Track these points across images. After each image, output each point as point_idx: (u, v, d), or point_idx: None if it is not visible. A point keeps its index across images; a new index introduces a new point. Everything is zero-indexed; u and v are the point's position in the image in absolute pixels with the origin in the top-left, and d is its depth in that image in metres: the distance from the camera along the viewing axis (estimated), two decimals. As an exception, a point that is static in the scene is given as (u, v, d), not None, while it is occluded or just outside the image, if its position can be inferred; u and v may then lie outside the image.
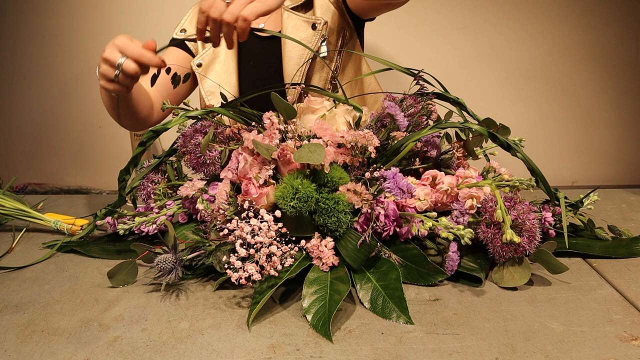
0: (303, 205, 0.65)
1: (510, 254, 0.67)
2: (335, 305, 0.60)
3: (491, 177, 0.78)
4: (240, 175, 0.71)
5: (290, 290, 0.69)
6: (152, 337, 0.58)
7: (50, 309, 0.65)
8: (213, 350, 0.55)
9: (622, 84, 1.72)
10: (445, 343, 0.55)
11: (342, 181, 0.68)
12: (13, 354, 0.56)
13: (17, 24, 1.71)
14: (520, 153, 0.71)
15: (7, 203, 0.97)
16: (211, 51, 1.12)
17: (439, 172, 0.74)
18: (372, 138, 0.69)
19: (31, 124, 1.78)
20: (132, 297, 0.68)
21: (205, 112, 0.79)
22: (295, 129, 0.72)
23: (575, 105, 1.74)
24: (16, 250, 0.89)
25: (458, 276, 0.70)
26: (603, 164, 1.78)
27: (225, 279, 0.67)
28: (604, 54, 1.69)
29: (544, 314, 0.61)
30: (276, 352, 0.55)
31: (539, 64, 1.71)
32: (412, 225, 0.70)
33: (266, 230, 0.63)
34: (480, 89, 1.72)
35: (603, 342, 0.55)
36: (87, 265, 0.80)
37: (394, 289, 0.64)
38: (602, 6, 1.66)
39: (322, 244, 0.67)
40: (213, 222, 0.72)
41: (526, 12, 1.67)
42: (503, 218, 0.66)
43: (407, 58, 1.71)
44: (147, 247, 0.72)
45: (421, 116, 0.78)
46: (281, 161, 0.69)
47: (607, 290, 0.67)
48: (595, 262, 0.76)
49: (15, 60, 1.74)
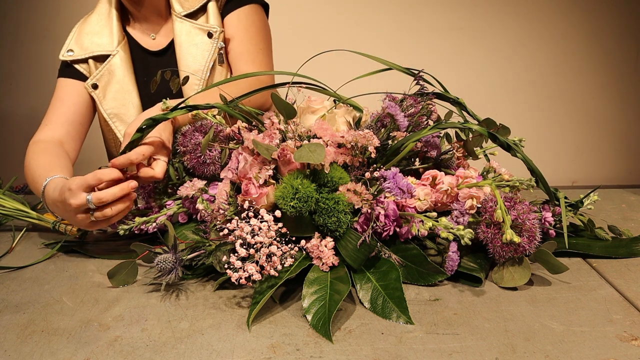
0: (303, 205, 0.65)
1: (510, 254, 0.67)
2: (335, 305, 0.60)
3: (491, 177, 0.78)
4: (240, 175, 0.71)
5: (290, 290, 0.69)
6: (152, 337, 0.58)
7: (50, 309, 0.65)
8: (213, 350, 0.55)
9: (622, 84, 1.72)
10: (445, 343, 0.55)
11: (342, 181, 0.68)
12: (13, 354, 0.56)
13: (17, 24, 1.71)
14: (520, 153, 0.71)
15: (7, 203, 0.97)
16: (106, 70, 1.05)
17: (439, 172, 0.74)
18: (372, 138, 0.69)
19: (31, 124, 1.78)
20: (132, 297, 0.68)
21: (207, 107, 0.79)
22: (295, 129, 0.72)
23: (575, 105, 1.74)
24: (16, 250, 0.89)
25: (458, 276, 0.70)
26: (603, 164, 1.78)
27: (225, 279, 0.67)
28: (604, 54, 1.69)
29: (544, 314, 0.61)
30: (276, 352, 0.55)
31: (539, 64, 1.71)
32: (412, 225, 0.69)
33: (266, 230, 0.63)
34: (480, 89, 1.72)
35: (603, 342, 0.55)
36: (87, 265, 0.80)
37: (394, 289, 0.63)
38: (602, 6, 1.66)
39: (322, 244, 0.67)
40: (213, 222, 0.72)
41: (526, 12, 1.67)
42: (503, 218, 0.66)
43: (407, 58, 1.71)
44: (147, 247, 0.72)
45: (421, 116, 0.78)
46: (281, 161, 0.69)
47: (607, 290, 0.67)
48: (595, 262, 0.76)
49: (15, 60, 1.74)
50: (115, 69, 1.05)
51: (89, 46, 1.05)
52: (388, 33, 1.68)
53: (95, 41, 1.06)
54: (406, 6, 1.67)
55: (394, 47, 1.69)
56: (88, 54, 1.05)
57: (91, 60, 1.05)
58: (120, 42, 1.05)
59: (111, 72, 1.04)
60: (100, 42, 1.05)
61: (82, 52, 1.05)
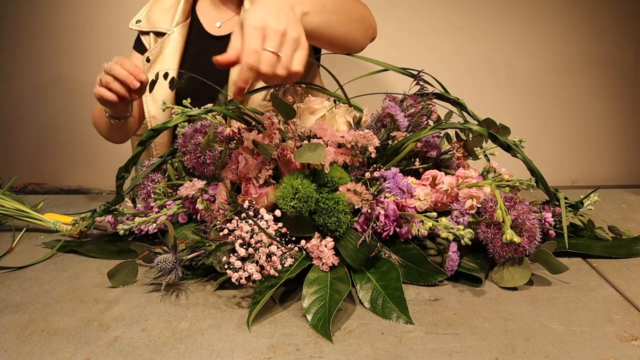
0: (303, 205, 0.65)
1: (510, 254, 0.67)
2: (335, 305, 0.60)
3: (491, 177, 0.78)
4: (240, 175, 0.71)
5: (290, 290, 0.69)
6: (152, 337, 0.58)
7: (50, 309, 0.65)
8: (213, 350, 0.55)
9: (622, 85, 1.72)
10: (445, 343, 0.55)
11: (342, 181, 0.68)
12: (13, 354, 0.56)
13: (17, 24, 1.71)
14: (520, 154, 0.71)
15: (7, 203, 0.97)
16: (159, 47, 1.10)
17: (439, 172, 0.74)
18: (372, 138, 0.69)
19: (31, 124, 1.78)
20: (132, 297, 0.68)
21: (205, 112, 0.79)
22: (295, 129, 0.72)
23: (576, 105, 1.74)
24: (16, 250, 0.89)
25: (458, 276, 0.70)
26: (603, 164, 1.78)
27: (225, 279, 0.67)
28: (604, 54, 1.69)
29: (544, 314, 0.61)
30: (276, 352, 0.55)
31: (539, 64, 1.71)
32: (412, 225, 0.69)
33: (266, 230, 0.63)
34: (480, 89, 1.72)
35: (603, 342, 0.55)
36: (87, 265, 0.80)
37: (394, 289, 0.64)
38: (602, 6, 1.66)
39: (322, 244, 0.67)
40: (213, 222, 0.73)
41: (526, 12, 1.67)
42: (503, 218, 0.66)
43: (407, 58, 1.71)
44: (147, 247, 0.72)
45: (421, 116, 0.78)
46: (281, 161, 0.69)
47: (607, 290, 0.67)
48: (595, 262, 0.76)
49: (15, 60, 1.74)
50: (165, 47, 1.09)
51: (155, 21, 1.11)
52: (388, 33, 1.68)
53: (160, 17, 1.11)
54: (406, 6, 1.67)
55: (394, 47, 1.69)
56: (150, 27, 1.11)
57: (152, 34, 1.11)
58: (180, 22, 1.10)
59: (162, 50, 1.09)
60: (163, 18, 1.11)
61: (147, 25, 1.11)
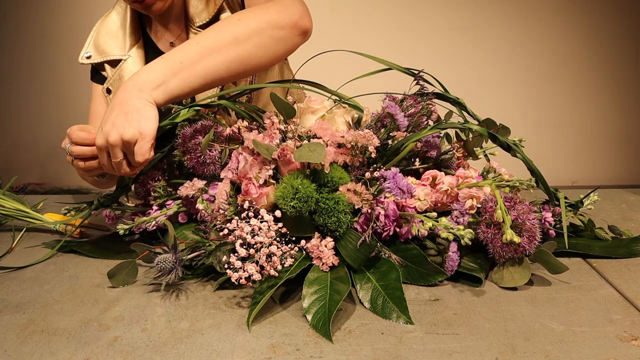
0: (303, 205, 0.65)
1: (510, 254, 0.67)
2: (335, 305, 0.60)
3: (491, 177, 0.78)
4: (240, 175, 0.71)
5: (290, 290, 0.69)
6: (152, 337, 0.58)
7: (50, 309, 0.65)
8: (213, 350, 0.55)
9: (622, 85, 1.72)
10: (445, 343, 0.55)
11: (342, 181, 0.68)
12: (13, 354, 0.56)
13: (17, 24, 1.71)
14: (520, 154, 0.71)
15: (7, 203, 0.97)
16: (117, 75, 1.02)
17: (439, 172, 0.74)
18: (372, 138, 0.69)
19: (31, 124, 1.78)
20: (132, 297, 0.68)
21: (211, 105, 0.79)
22: (295, 129, 0.72)
23: (576, 105, 1.74)
24: (16, 250, 0.89)
25: (458, 276, 0.70)
26: (603, 164, 1.78)
27: (225, 279, 0.67)
28: (604, 54, 1.69)
29: (544, 314, 0.61)
30: (276, 352, 0.55)
31: (539, 64, 1.71)
32: (412, 225, 0.69)
33: (266, 230, 0.63)
34: (480, 89, 1.72)
35: (603, 342, 0.55)
36: (87, 265, 0.80)
37: (394, 289, 0.63)
38: (602, 6, 1.66)
39: (322, 244, 0.67)
40: (213, 222, 0.72)
41: (526, 12, 1.67)
42: (503, 218, 0.66)
43: (407, 58, 1.71)
44: (147, 247, 0.72)
45: (421, 116, 0.78)
46: (281, 161, 0.69)
47: (607, 290, 0.67)
48: (595, 262, 0.76)
49: (15, 60, 1.74)
50: (125, 74, 1.02)
51: (105, 49, 1.03)
52: (388, 33, 1.68)
53: (110, 43, 1.03)
54: (406, 6, 1.67)
55: (394, 47, 1.69)
56: (103, 58, 1.03)
57: (107, 65, 1.03)
58: (133, 45, 1.03)
59: (121, 77, 1.02)
60: (114, 44, 1.03)
61: (98, 55, 1.03)
